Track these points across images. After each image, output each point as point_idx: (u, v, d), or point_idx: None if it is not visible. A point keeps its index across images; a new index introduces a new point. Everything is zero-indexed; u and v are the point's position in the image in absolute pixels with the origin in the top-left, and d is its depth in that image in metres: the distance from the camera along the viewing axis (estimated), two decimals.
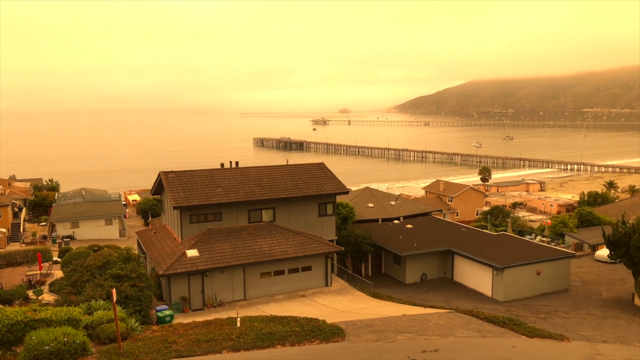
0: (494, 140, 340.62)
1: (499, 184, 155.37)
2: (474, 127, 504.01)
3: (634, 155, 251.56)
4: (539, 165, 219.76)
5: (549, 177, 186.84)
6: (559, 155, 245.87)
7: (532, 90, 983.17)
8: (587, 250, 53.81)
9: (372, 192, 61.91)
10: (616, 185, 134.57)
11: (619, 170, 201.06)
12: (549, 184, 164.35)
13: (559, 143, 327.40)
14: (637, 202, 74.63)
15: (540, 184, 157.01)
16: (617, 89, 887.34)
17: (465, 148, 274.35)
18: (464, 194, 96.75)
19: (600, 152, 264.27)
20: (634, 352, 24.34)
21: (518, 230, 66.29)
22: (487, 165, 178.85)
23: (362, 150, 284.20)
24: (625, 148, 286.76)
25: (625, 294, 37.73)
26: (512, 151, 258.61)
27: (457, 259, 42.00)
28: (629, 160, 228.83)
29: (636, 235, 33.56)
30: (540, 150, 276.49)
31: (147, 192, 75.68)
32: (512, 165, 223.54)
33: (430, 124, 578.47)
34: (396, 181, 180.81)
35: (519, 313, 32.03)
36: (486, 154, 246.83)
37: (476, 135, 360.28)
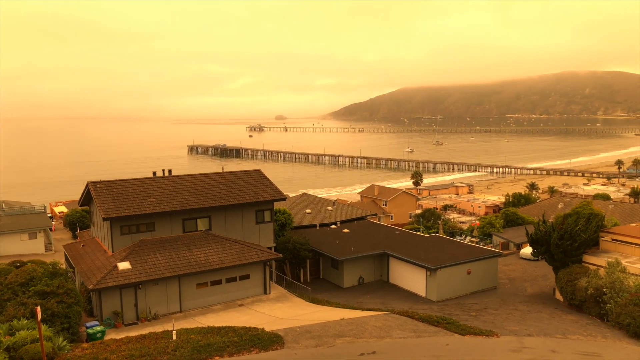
0: (424, 146, 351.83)
1: (431, 188, 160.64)
2: (406, 133, 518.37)
3: (552, 158, 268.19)
4: (467, 169, 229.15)
5: (477, 180, 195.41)
6: (486, 159, 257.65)
7: (459, 97, 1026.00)
8: (512, 249, 56.69)
9: (309, 198, 62.28)
10: (537, 187, 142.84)
11: (540, 172, 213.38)
12: (477, 187, 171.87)
13: (485, 147, 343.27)
14: (556, 202, 79.58)
15: (469, 186, 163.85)
16: (535, 96, 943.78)
17: (398, 153, 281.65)
18: (397, 198, 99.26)
19: (522, 155, 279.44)
20: (556, 343, 25.89)
21: (449, 232, 68.78)
22: (418, 169, 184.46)
23: (299, 156, 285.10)
24: (545, 152, 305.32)
25: (548, 289, 40.06)
26: (442, 156, 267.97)
27: (392, 261, 43.02)
28: (548, 163, 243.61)
29: (555, 234, 35.78)
30: (468, 154, 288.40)
31: (75, 204, 72.15)
32: (442, 169, 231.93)
33: (365, 130, 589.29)
34: (333, 187, 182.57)
35: (452, 312, 33.23)
36: (418, 159, 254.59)
37: (408, 141, 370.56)
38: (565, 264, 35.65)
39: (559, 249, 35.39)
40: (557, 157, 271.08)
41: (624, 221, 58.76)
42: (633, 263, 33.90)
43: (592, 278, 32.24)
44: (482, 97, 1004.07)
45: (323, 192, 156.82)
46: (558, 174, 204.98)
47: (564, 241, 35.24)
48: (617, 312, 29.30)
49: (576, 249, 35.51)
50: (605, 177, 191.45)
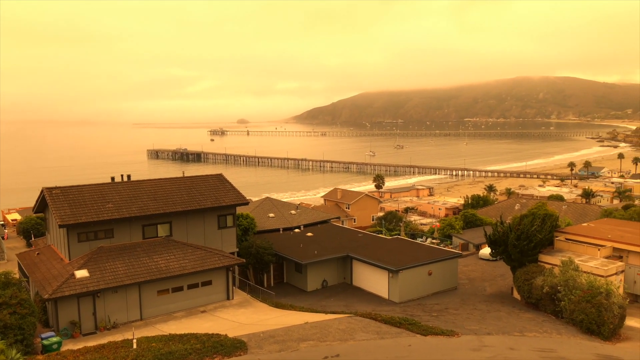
0: (386, 149, 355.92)
1: (392, 191, 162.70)
2: (368, 137, 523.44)
3: (509, 161, 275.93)
4: (427, 171, 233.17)
5: (437, 183, 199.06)
6: (445, 162, 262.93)
7: (419, 101, 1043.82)
8: (472, 250, 58.01)
9: (272, 202, 62.07)
10: (495, 189, 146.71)
11: (497, 174, 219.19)
12: (437, 189, 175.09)
13: (444, 151, 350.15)
14: (513, 203, 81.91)
15: (429, 189, 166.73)
16: (492, 100, 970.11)
17: (360, 157, 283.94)
18: (360, 201, 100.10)
19: (480, 158, 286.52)
20: (514, 341, 26.65)
21: (410, 234, 69.82)
22: (380, 172, 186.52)
23: (261, 160, 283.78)
24: (502, 155, 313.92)
25: (506, 288, 41.17)
26: (403, 159, 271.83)
27: (355, 264, 43.33)
28: (505, 166, 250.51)
29: (513, 234, 36.85)
30: (428, 157, 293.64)
31: (29, 211, 69.60)
32: (404, 172, 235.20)
33: (327, 134, 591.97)
34: (296, 190, 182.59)
35: (414, 313, 33.71)
36: (379, 162, 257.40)
37: (370, 145, 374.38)
38: (522, 263, 36.73)
39: (516, 249, 36.44)
40: (513, 159, 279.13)
41: (576, 221, 61.00)
42: (585, 261, 35.26)
43: (548, 277, 33.33)
44: (441, 102, 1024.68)
45: (286, 196, 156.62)
46: (515, 176, 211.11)
47: (521, 241, 36.31)
48: (571, 309, 30.39)
49: (532, 249, 36.64)
50: (559, 179, 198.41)
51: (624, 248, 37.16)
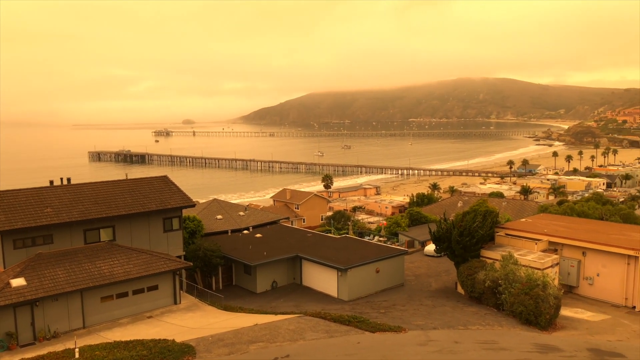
0: (334, 150, 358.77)
1: (340, 190, 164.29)
2: (316, 137, 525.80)
3: (452, 159, 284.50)
4: (374, 171, 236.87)
5: (384, 182, 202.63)
6: (391, 161, 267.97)
7: (365, 102, 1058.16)
8: (417, 247, 59.43)
9: (220, 203, 61.30)
10: (439, 187, 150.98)
11: (441, 173, 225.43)
12: (384, 188, 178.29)
13: (390, 150, 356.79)
14: (456, 201, 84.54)
15: (376, 188, 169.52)
16: (435, 101, 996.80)
17: (308, 157, 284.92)
18: (309, 201, 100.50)
19: (425, 158, 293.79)
20: (458, 335, 27.56)
21: (358, 232, 70.74)
22: (329, 172, 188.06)
23: (209, 161, 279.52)
24: (445, 154, 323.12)
25: (450, 283, 42.48)
26: (351, 159, 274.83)
27: (304, 263, 43.49)
28: (448, 165, 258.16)
29: (456, 231, 38.07)
30: (375, 157, 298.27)
31: None
32: (351, 172, 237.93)
33: (275, 135, 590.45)
34: (245, 191, 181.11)
35: (363, 310, 34.24)
36: (328, 163, 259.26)
37: (318, 145, 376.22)
38: (465, 259, 38.02)
39: (459, 245, 37.67)
40: (456, 158, 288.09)
41: (515, 217, 63.70)
42: (524, 255, 36.92)
43: (489, 271, 34.67)
44: (387, 102, 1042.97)
45: (235, 198, 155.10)
46: (457, 175, 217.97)
47: (464, 237, 37.58)
48: (511, 302, 31.76)
49: (474, 245, 38.00)
50: (499, 177, 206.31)
51: (559, 242, 39.16)
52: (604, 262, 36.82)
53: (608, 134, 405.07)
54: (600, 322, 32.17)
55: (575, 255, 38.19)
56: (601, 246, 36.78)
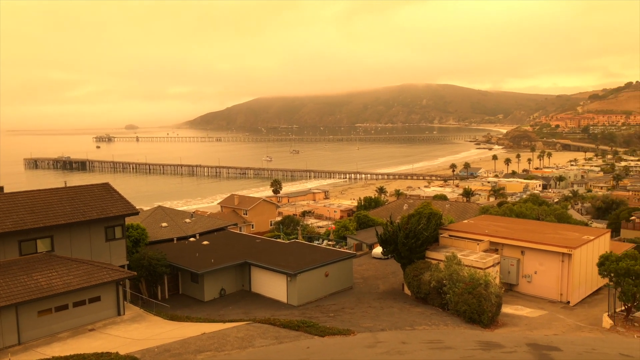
0: (282, 154, 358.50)
1: (289, 195, 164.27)
2: (264, 142, 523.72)
3: (398, 164, 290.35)
4: (323, 175, 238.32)
5: (332, 186, 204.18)
6: (339, 166, 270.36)
7: (313, 107, 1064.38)
8: (365, 250, 60.22)
9: (165, 210, 59.87)
10: (385, 190, 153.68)
11: (387, 177, 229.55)
12: (332, 192, 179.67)
13: (338, 155, 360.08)
14: (402, 204, 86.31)
15: (325, 192, 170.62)
16: (381, 107, 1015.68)
17: (257, 162, 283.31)
18: (257, 207, 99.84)
19: (372, 162, 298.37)
20: (405, 335, 28.12)
21: (307, 237, 70.90)
22: (277, 177, 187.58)
23: (153, 167, 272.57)
24: (391, 158, 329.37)
25: (397, 284, 43.27)
26: (299, 164, 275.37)
27: (253, 270, 43.13)
28: (394, 169, 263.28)
29: (402, 233, 38.85)
30: (323, 162, 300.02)
31: None
32: (300, 176, 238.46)
33: (222, 140, 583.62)
34: (191, 198, 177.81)
35: (312, 315, 34.31)
36: (276, 167, 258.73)
37: (266, 150, 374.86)
38: (411, 260, 38.85)
39: (405, 247, 38.47)
40: (401, 163, 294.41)
41: (458, 218, 65.71)
42: (466, 256, 38.14)
43: (434, 272, 35.59)
44: (334, 107, 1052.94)
45: (181, 204, 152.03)
46: (403, 178, 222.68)
47: (409, 239, 38.42)
48: (455, 301, 32.73)
49: (420, 246, 38.90)
50: (442, 180, 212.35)
51: (499, 242, 40.73)
52: (541, 260, 38.59)
53: (543, 138, 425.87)
54: (538, 318, 33.66)
55: (515, 254, 39.83)
56: (538, 245, 38.56)
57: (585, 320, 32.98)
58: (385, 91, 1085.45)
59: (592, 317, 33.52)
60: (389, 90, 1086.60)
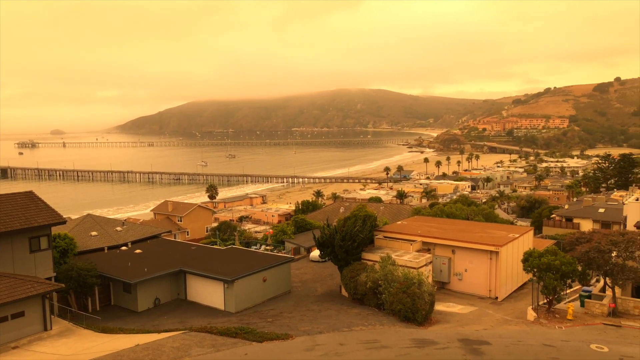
0: (218, 159, 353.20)
1: (226, 200, 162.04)
2: (199, 146, 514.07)
3: (334, 167, 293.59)
4: (260, 180, 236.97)
5: (269, 191, 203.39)
6: (276, 170, 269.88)
7: (248, 111, 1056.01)
8: (303, 253, 60.49)
9: (95, 219, 57.44)
10: (322, 194, 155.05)
11: (324, 180, 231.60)
12: (270, 197, 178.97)
13: (275, 159, 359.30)
14: (338, 207, 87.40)
15: (262, 197, 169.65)
16: (316, 111, 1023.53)
17: (191, 167, 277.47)
18: (193, 213, 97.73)
19: (309, 166, 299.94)
20: (343, 337, 28.53)
21: (245, 242, 70.26)
22: (213, 182, 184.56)
23: (81, 174, 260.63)
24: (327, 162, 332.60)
25: (335, 287, 43.80)
26: (236, 168, 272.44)
27: (189, 278, 42.24)
28: (331, 172, 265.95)
29: (338, 235, 39.44)
30: (260, 166, 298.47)
31: None
32: (237, 181, 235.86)
33: (155, 145, 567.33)
34: (123, 205, 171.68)
35: (250, 321, 34.09)
36: (212, 172, 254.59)
37: (201, 155, 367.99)
38: (348, 262, 39.50)
39: (342, 249, 39.06)
40: (338, 166, 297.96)
41: (392, 220, 67.36)
42: (400, 256, 39.25)
43: (370, 273, 36.35)
44: (270, 112, 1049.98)
45: (112, 212, 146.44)
46: (339, 182, 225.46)
47: (346, 242, 39.05)
48: (391, 301, 33.58)
49: (356, 248, 39.64)
50: (377, 182, 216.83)
51: (431, 241, 42.21)
52: (470, 258, 40.35)
53: (471, 140, 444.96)
54: (469, 314, 35.17)
55: (446, 253, 41.41)
56: (468, 244, 40.31)
57: (512, 314, 34.80)
58: (320, 96, 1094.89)
59: (518, 311, 35.41)
60: (324, 95, 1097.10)
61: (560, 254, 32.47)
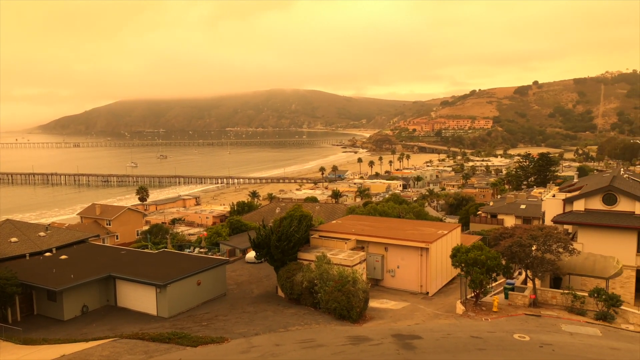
0: (149, 160, 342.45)
1: (158, 202, 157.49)
2: (128, 147, 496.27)
3: (270, 168, 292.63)
4: (193, 181, 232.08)
5: (204, 192, 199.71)
6: (210, 171, 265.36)
7: (180, 110, 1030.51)
8: (239, 255, 59.86)
9: (14, 224, 54.01)
10: (258, 194, 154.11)
11: (260, 181, 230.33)
12: (204, 198, 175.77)
13: (209, 160, 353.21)
14: (274, 207, 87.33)
15: (196, 198, 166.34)
16: (251, 111, 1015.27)
17: (120, 169, 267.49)
18: (122, 216, 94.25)
19: (244, 167, 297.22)
20: (279, 337, 28.59)
21: (178, 245, 68.58)
22: (144, 184, 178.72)
23: (0, 177, 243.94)
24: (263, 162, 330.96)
25: (271, 287, 43.72)
26: (168, 169, 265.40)
27: (119, 283, 40.73)
28: (266, 173, 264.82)
29: (274, 236, 39.40)
30: (194, 167, 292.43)
31: None
32: (169, 183, 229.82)
33: (82, 145, 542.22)
34: (47, 209, 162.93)
35: (184, 325, 33.38)
36: (142, 174, 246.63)
37: (131, 156, 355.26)
38: (284, 262, 39.55)
39: (277, 249, 39.06)
40: (274, 167, 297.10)
41: (328, 219, 68.12)
42: (335, 254, 39.78)
43: (306, 272, 36.61)
44: (203, 111, 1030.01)
45: (34, 217, 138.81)
46: (275, 182, 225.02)
47: (282, 242, 39.09)
48: (326, 299, 33.98)
49: (292, 248, 39.76)
50: (312, 182, 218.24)
51: (365, 239, 43.07)
52: (402, 255, 41.55)
53: (402, 141, 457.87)
54: (401, 310, 36.22)
55: (379, 251, 42.41)
56: (399, 241, 41.49)
57: (442, 309, 36.18)
58: (254, 95, 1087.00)
59: (448, 305, 36.87)
60: (258, 95, 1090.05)
61: (485, 249, 34.15)
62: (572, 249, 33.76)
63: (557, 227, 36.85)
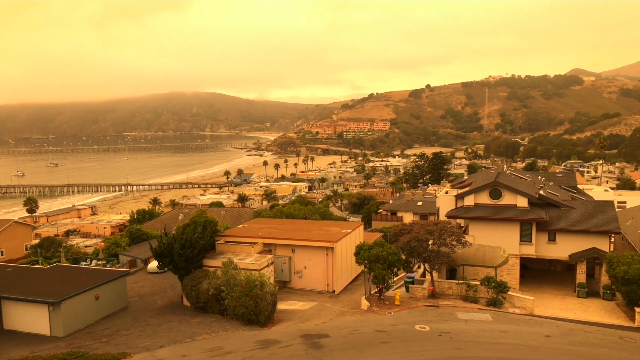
0: (38, 168, 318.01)
1: (49, 214, 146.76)
2: (13, 154, 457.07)
3: (172, 173, 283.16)
4: (88, 190, 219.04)
5: (100, 201, 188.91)
6: (107, 178, 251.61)
7: (71, 115, 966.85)
8: (140, 265, 57.34)
9: None
10: (160, 201, 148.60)
11: (161, 187, 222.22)
12: (101, 207, 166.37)
13: (105, 166, 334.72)
14: (177, 214, 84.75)
15: (92, 208, 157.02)
16: (149, 115, 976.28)
17: (5, 179, 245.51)
18: (8, 230, 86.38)
19: (143, 173, 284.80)
20: (185, 348, 27.82)
21: (73, 259, 64.28)
22: (33, 195, 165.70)
23: None
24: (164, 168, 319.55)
25: (176, 297, 42.35)
26: (59, 178, 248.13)
27: (5, 304, 37.33)
28: (168, 179, 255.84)
29: (177, 244, 38.24)
30: (88, 174, 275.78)
31: None
32: (61, 192, 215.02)
33: None
34: None
35: (82, 343, 31.38)
36: (31, 184, 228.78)
37: (16, 164, 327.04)
38: (189, 271, 38.50)
39: (181, 257, 37.95)
40: (176, 172, 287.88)
41: (234, 223, 67.42)
42: (242, 259, 39.46)
43: (212, 279, 35.90)
44: (97, 115, 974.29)
45: None
46: (178, 188, 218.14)
47: (186, 250, 38.04)
48: (234, 305, 33.58)
49: (197, 255, 38.83)
50: (217, 187, 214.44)
51: (272, 242, 43.16)
52: (309, 256, 42.16)
53: (306, 143, 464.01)
54: (309, 310, 36.72)
55: (287, 253, 42.70)
56: (306, 242, 42.08)
57: (348, 306, 37.19)
58: (152, 99, 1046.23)
59: (353, 302, 37.96)
60: (157, 98, 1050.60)
61: (386, 245, 35.64)
62: (464, 241, 36.25)
63: (451, 222, 39.31)
